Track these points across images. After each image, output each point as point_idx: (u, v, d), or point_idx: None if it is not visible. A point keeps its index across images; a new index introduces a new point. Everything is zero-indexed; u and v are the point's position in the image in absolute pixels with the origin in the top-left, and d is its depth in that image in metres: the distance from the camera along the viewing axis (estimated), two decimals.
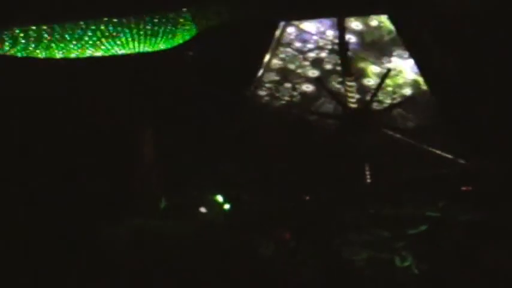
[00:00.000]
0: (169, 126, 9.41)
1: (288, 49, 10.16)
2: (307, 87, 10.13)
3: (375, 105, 9.66)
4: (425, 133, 9.44)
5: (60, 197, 8.62)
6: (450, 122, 9.26)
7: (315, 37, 10.15)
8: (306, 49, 10.18)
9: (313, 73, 10.09)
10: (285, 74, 10.16)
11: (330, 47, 10.11)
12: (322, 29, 10.15)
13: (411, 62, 9.79)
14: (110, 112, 9.19)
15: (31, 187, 8.67)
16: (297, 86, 10.13)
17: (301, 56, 10.18)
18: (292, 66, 10.17)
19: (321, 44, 10.17)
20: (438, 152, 9.26)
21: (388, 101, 9.83)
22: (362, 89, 9.89)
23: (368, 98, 9.58)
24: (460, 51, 8.94)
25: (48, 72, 8.68)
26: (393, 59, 10.03)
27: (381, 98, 9.79)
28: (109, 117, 9.18)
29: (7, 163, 8.79)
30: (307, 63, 10.17)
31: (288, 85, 10.14)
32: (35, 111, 9.09)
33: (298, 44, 10.20)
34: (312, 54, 10.20)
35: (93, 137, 9.11)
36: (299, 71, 10.16)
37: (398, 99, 9.82)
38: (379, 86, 9.55)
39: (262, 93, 10.10)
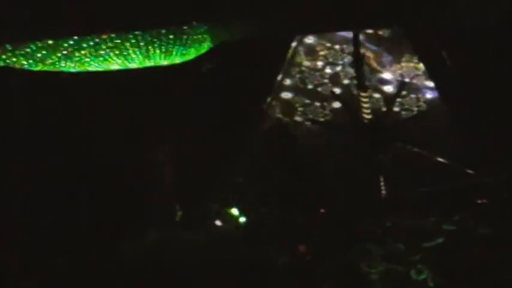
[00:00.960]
0: (187, 140, 9.46)
1: (303, 67, 10.23)
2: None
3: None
4: (440, 145, 9.44)
5: (79, 209, 8.69)
6: (464, 133, 9.25)
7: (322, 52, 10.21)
8: (319, 66, 10.24)
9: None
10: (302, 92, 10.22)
11: (341, 62, 10.17)
12: (328, 44, 10.22)
13: None
14: (128, 125, 9.25)
15: (48, 201, 8.74)
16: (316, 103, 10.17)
17: (317, 74, 10.23)
18: (310, 86, 10.23)
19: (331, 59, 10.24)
20: (454, 164, 9.26)
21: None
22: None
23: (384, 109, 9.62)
24: (474, 62, 8.93)
25: (63, 85, 8.73)
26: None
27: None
28: (127, 130, 9.23)
29: (28, 179, 8.85)
30: (325, 80, 10.23)
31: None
32: (54, 124, 9.14)
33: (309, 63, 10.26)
34: (328, 71, 10.25)
35: (112, 151, 9.17)
36: (319, 89, 10.21)
37: (415, 111, 9.85)
38: (395, 99, 9.57)
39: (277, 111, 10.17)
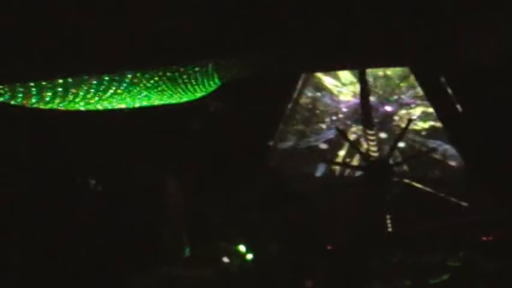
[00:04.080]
0: (196, 175, 9.52)
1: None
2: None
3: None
4: (445, 182, 9.49)
5: (89, 243, 8.76)
6: (469, 171, 9.28)
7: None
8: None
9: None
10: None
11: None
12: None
13: None
14: (137, 161, 9.32)
15: (58, 234, 8.80)
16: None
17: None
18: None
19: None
20: (458, 201, 9.30)
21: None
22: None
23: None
24: (481, 102, 8.97)
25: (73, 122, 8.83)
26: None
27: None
28: (137, 166, 9.31)
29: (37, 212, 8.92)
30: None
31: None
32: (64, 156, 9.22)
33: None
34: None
35: (122, 187, 9.24)
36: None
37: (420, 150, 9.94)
38: (401, 136, 9.66)
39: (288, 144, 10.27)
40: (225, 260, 8.88)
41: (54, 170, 9.09)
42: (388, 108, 10.35)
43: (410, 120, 9.73)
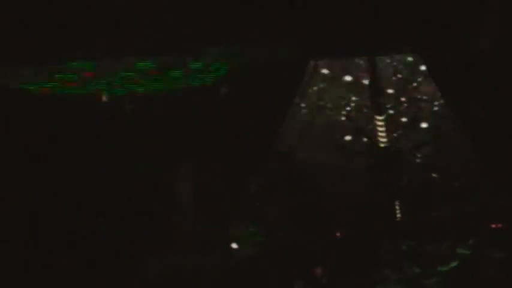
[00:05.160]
0: (205, 163, 9.53)
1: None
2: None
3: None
4: (456, 170, 9.47)
5: (98, 230, 8.80)
6: (481, 159, 9.26)
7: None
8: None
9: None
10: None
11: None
12: None
13: None
14: (148, 148, 9.33)
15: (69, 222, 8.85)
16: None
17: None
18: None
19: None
20: (468, 188, 9.28)
21: None
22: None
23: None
24: (492, 94, 8.93)
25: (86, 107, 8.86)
26: None
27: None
28: (147, 153, 9.32)
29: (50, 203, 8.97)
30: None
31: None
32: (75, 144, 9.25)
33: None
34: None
35: (132, 172, 9.26)
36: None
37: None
38: (410, 123, 9.63)
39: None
40: (235, 245, 8.93)
41: (66, 150, 9.17)
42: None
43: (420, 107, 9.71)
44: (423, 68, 10.03)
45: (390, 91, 10.09)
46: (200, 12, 7.45)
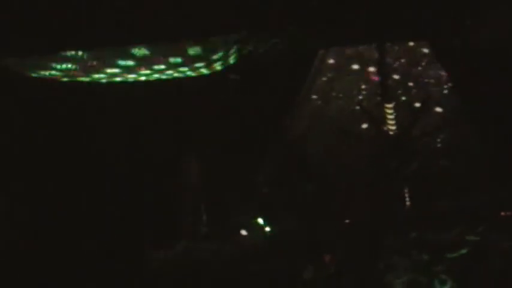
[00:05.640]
0: (214, 150, 9.55)
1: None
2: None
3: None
4: (465, 158, 9.45)
5: (108, 220, 8.85)
6: (490, 148, 9.24)
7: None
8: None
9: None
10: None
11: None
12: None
13: None
14: (156, 138, 9.36)
15: (80, 214, 8.90)
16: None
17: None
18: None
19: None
20: (478, 177, 9.26)
21: None
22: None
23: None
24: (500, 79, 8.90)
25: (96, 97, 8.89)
26: None
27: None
28: (155, 143, 9.35)
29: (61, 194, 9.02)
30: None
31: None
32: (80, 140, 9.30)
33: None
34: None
35: (140, 163, 9.29)
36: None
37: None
38: (421, 111, 9.60)
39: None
40: (244, 233, 8.96)
41: (74, 142, 9.20)
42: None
43: (430, 95, 9.68)
44: (425, 50, 10.00)
45: (396, 77, 10.04)
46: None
